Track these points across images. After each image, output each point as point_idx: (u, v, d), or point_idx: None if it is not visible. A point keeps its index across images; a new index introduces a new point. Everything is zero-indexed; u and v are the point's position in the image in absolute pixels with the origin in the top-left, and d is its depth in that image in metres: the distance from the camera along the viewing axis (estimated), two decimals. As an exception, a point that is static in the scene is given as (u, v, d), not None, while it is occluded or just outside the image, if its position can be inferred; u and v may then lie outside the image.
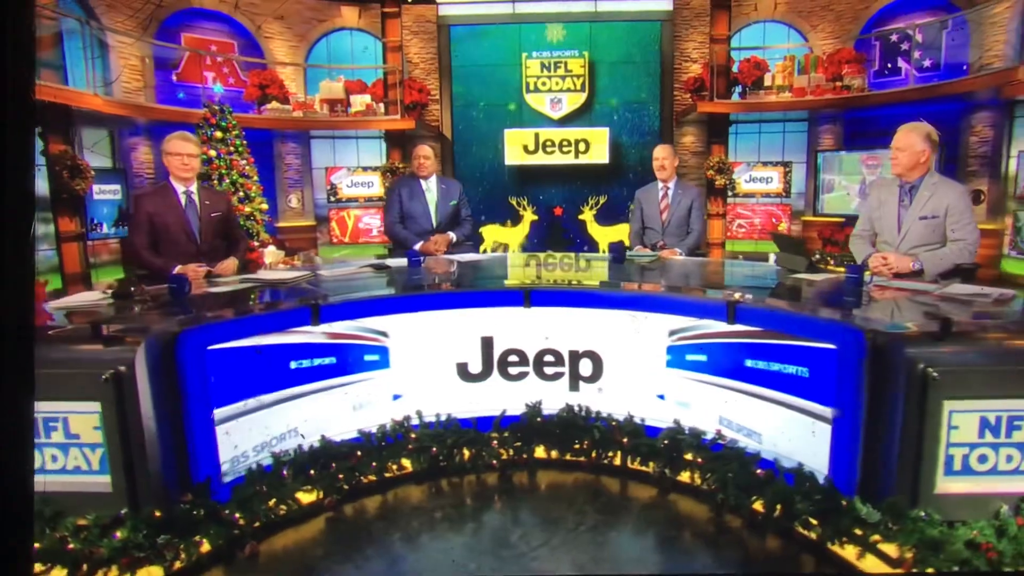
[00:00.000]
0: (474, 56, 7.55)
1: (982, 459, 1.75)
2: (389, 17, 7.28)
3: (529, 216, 7.48)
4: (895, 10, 7.30)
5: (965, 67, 6.82)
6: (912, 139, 2.54)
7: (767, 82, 7.46)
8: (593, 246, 7.58)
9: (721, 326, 2.20)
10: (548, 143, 7.55)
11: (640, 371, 2.50)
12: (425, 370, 2.56)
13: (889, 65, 7.15)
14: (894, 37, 7.09)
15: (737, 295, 2.25)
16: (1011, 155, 6.70)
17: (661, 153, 4.01)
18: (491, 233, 7.33)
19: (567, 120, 7.74)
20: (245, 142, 5.68)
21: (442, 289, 2.63)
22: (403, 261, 3.38)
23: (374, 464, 2.24)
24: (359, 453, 2.25)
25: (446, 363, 2.58)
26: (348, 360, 2.43)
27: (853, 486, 1.88)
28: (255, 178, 5.69)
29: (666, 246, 3.86)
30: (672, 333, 2.40)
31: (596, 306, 2.52)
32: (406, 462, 2.33)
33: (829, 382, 1.94)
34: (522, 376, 2.57)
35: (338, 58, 7.44)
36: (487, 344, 2.54)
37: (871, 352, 1.75)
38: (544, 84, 7.61)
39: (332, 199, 7.29)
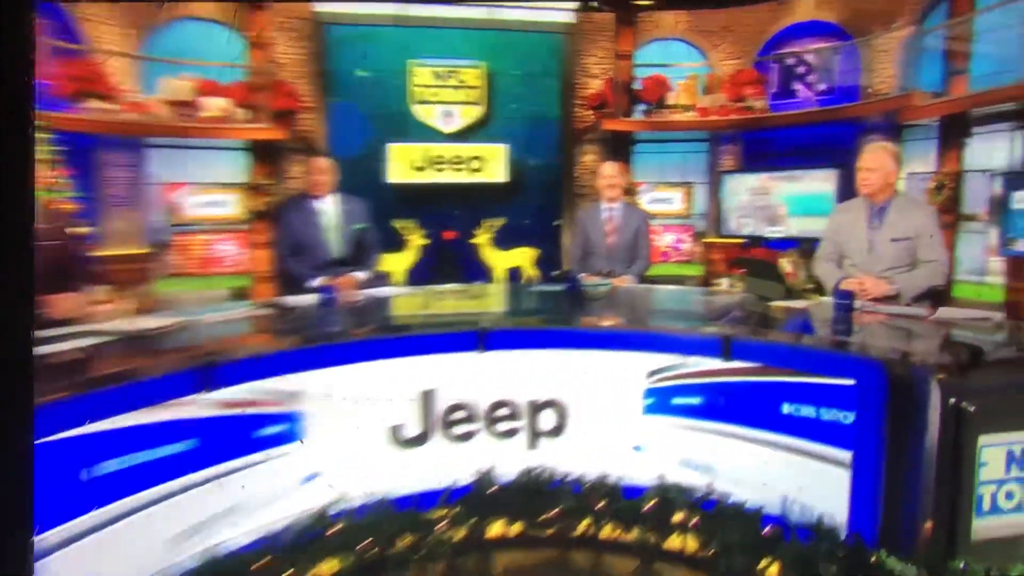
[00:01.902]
0: (354, 60, 7.26)
1: (1009, 496, 1.75)
2: (256, 7, 6.77)
3: (417, 241, 7.23)
4: (791, 34, 7.75)
5: (857, 92, 7.13)
6: (883, 159, 2.65)
7: (671, 100, 7.62)
8: (486, 274, 7.38)
9: (712, 363, 2.13)
10: (439, 160, 7.38)
11: (613, 420, 2.35)
12: (348, 439, 2.25)
13: (788, 87, 7.42)
14: (791, 60, 7.46)
15: (730, 328, 2.18)
16: (901, 176, 6.26)
17: (610, 171, 4.08)
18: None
19: (461, 135, 7.58)
20: (54, 147, 5.00)
21: (372, 335, 2.37)
22: (306, 300, 3.05)
23: (285, 576, 1.86)
24: (264, 561, 1.89)
25: (375, 427, 2.30)
26: (239, 437, 2.00)
27: (875, 537, 1.79)
28: (68, 194, 5.14)
29: (613, 273, 3.78)
30: (652, 374, 2.30)
31: (563, 346, 2.39)
32: (329, 565, 2.02)
33: (846, 422, 1.85)
34: (470, 436, 2.37)
35: (187, 52, 6.69)
36: (427, 399, 2.32)
37: (894, 386, 1.74)
38: (435, 95, 7.42)
39: (174, 222, 6.72)
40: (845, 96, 7.26)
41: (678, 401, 2.32)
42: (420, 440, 2.38)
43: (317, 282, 3.52)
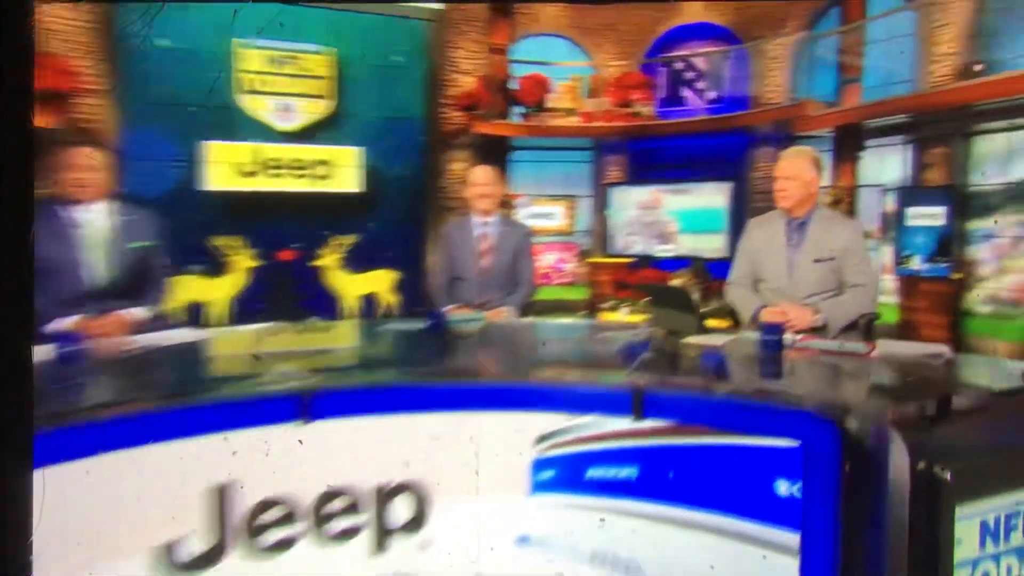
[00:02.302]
0: (160, 34, 6.29)
1: (985, 576, 1.57)
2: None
3: (244, 262, 6.41)
4: (679, 36, 7.72)
5: (748, 100, 7.31)
6: (802, 166, 2.43)
7: (551, 103, 7.34)
8: (333, 304, 6.67)
9: (620, 423, 1.85)
10: (274, 163, 6.61)
11: (491, 504, 2.00)
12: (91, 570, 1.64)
13: (677, 93, 7.49)
14: (680, 64, 7.48)
15: (641, 375, 1.92)
16: (823, 186, 6.99)
17: (483, 178, 3.40)
18: (185, 288, 6.05)
19: (303, 134, 6.78)
20: None
21: (134, 410, 1.78)
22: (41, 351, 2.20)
23: None
24: None
25: (135, 548, 1.72)
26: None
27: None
28: None
29: (488, 304, 3.30)
30: (541, 439, 1.96)
31: (419, 408, 1.96)
32: None
33: (790, 495, 1.68)
34: (289, 543, 1.92)
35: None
36: (222, 497, 1.84)
37: (848, 448, 1.57)
38: (268, 84, 6.61)
39: None
40: (736, 105, 7.32)
41: (577, 474, 2.04)
42: (211, 558, 1.89)
43: (62, 325, 2.67)
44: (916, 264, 6.16)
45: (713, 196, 7.03)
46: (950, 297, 6.18)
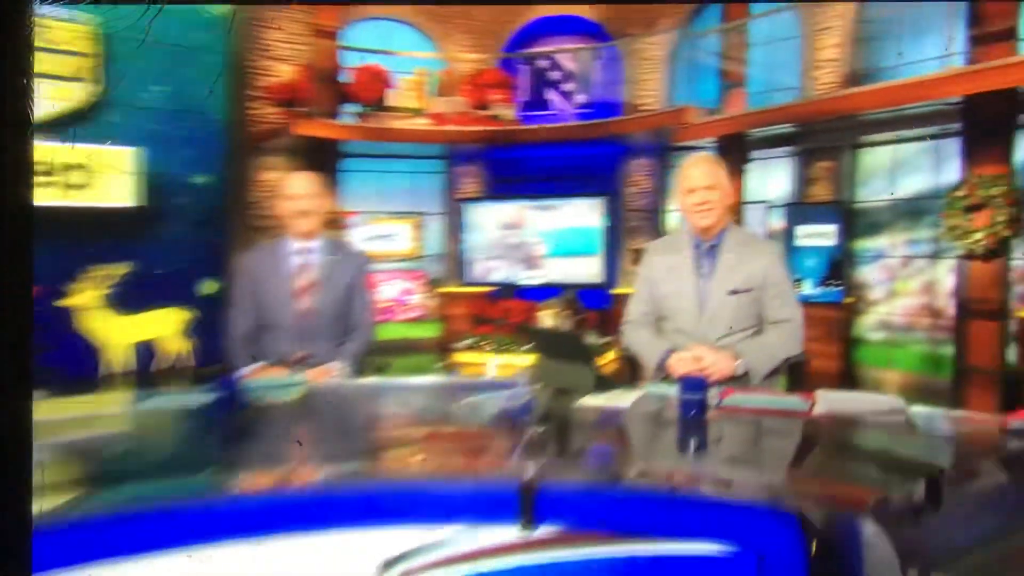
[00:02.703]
0: None
1: None
2: None
3: None
4: (542, 29, 7.35)
5: (620, 106, 7.10)
6: (719, 173, 2.27)
7: (393, 102, 6.81)
8: (93, 356, 5.44)
9: (503, 533, 1.54)
10: None
11: None
12: None
13: (541, 95, 7.22)
14: (544, 62, 7.16)
15: (531, 464, 1.58)
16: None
17: (302, 189, 2.81)
18: None
19: (51, 128, 5.57)
20: None
21: None
22: None
23: None
24: None
25: None
26: None
27: None
28: None
29: (310, 360, 2.68)
30: (389, 566, 1.59)
31: (200, 539, 1.49)
32: None
33: None
34: None
35: None
36: None
37: (815, 554, 1.35)
38: None
39: None
40: (607, 110, 7.11)
41: (442, 612, 1.61)
42: None
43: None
44: (808, 288, 5.98)
45: (585, 214, 6.74)
46: (842, 324, 6.02)
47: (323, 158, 6.68)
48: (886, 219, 6.06)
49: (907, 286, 5.96)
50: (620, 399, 2.01)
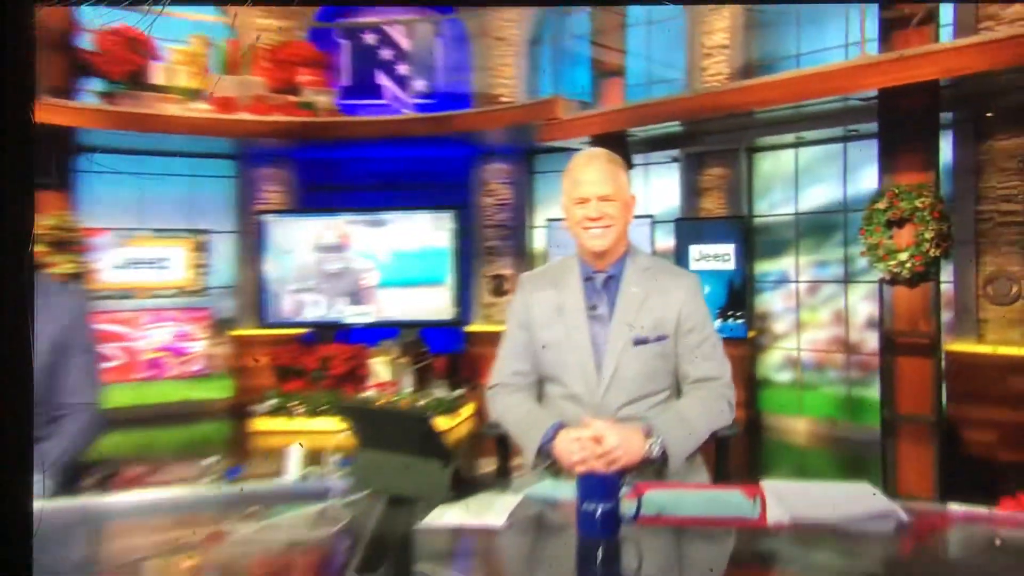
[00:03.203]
0: None
1: None
2: None
3: None
4: None
5: (470, 98, 6.80)
6: (621, 179, 2.06)
7: (157, 79, 6.25)
8: None
9: None
10: None
11: None
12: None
13: (369, 79, 6.91)
14: (370, 37, 6.80)
15: None
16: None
17: None
18: None
19: None
20: None
21: None
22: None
23: None
24: None
25: None
26: None
27: None
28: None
29: None
30: None
31: None
32: None
33: None
34: None
35: None
36: None
37: None
38: None
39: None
40: (454, 102, 6.86)
41: None
42: None
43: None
44: (705, 322, 5.55)
45: (428, 232, 6.47)
46: (745, 363, 5.70)
47: (55, 153, 6.12)
48: (789, 236, 5.90)
49: (815, 316, 5.77)
50: (488, 511, 1.78)
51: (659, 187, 6.29)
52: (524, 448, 2.10)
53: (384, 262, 6.52)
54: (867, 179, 5.31)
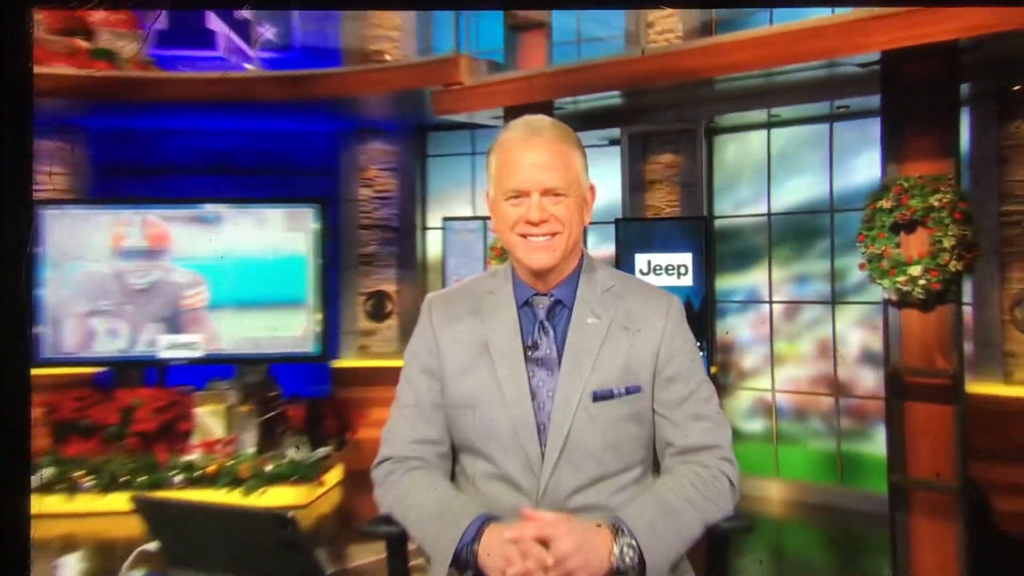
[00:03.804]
0: None
1: None
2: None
3: None
4: None
5: (339, 53, 6.58)
6: (576, 162, 1.82)
7: None
8: None
9: None
10: None
11: None
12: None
13: (197, 25, 6.53)
14: None
15: None
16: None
17: None
18: None
19: None
20: None
21: None
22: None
23: None
24: None
25: None
26: None
27: None
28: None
29: None
30: None
31: None
32: None
33: None
34: None
35: None
36: None
37: None
38: None
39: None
40: (316, 58, 6.59)
41: None
42: None
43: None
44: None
45: (281, 233, 6.10)
46: None
47: None
48: (761, 243, 5.61)
49: (795, 347, 5.51)
50: None
51: (594, 178, 5.71)
52: (432, 554, 1.90)
53: (216, 275, 6.07)
54: (861, 170, 5.12)
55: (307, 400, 6.21)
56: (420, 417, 1.96)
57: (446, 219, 6.33)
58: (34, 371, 5.31)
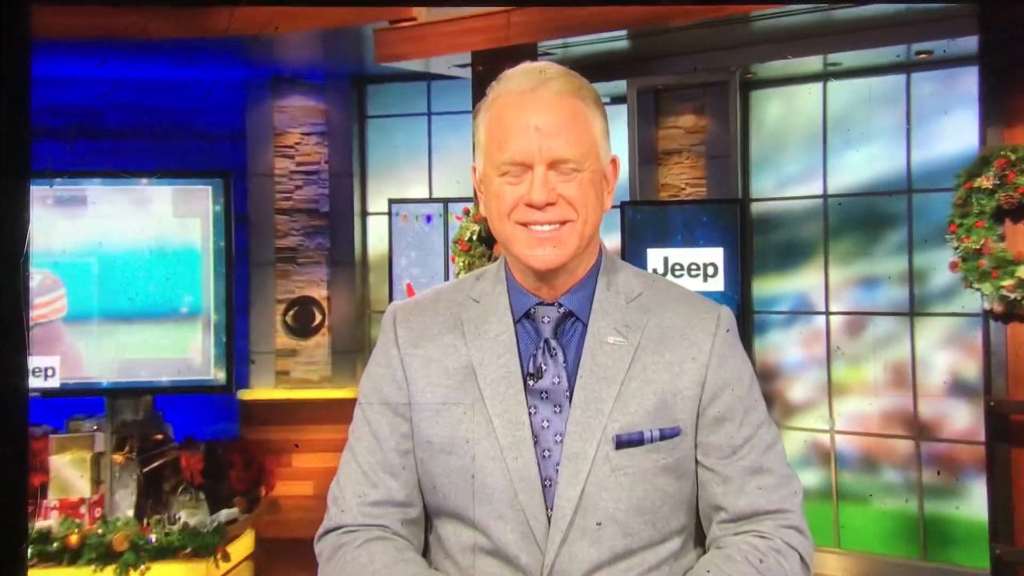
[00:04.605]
0: None
1: None
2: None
3: None
4: None
5: None
6: (595, 124, 1.65)
7: None
8: None
9: None
10: None
11: None
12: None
13: None
14: None
15: None
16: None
17: None
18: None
19: None
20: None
21: None
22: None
23: None
24: None
25: None
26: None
27: None
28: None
29: None
30: None
31: None
32: None
33: None
34: None
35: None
36: None
37: None
38: None
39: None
40: None
41: None
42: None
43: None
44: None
45: (168, 219, 5.60)
46: None
47: None
48: (814, 235, 5.39)
49: (859, 372, 5.29)
50: None
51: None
52: None
53: (79, 276, 5.51)
54: (949, 136, 4.97)
55: (206, 444, 5.76)
56: (381, 470, 1.81)
57: (393, 201, 6.09)
58: None
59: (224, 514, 5.22)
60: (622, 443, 1.64)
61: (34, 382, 5.43)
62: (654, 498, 1.67)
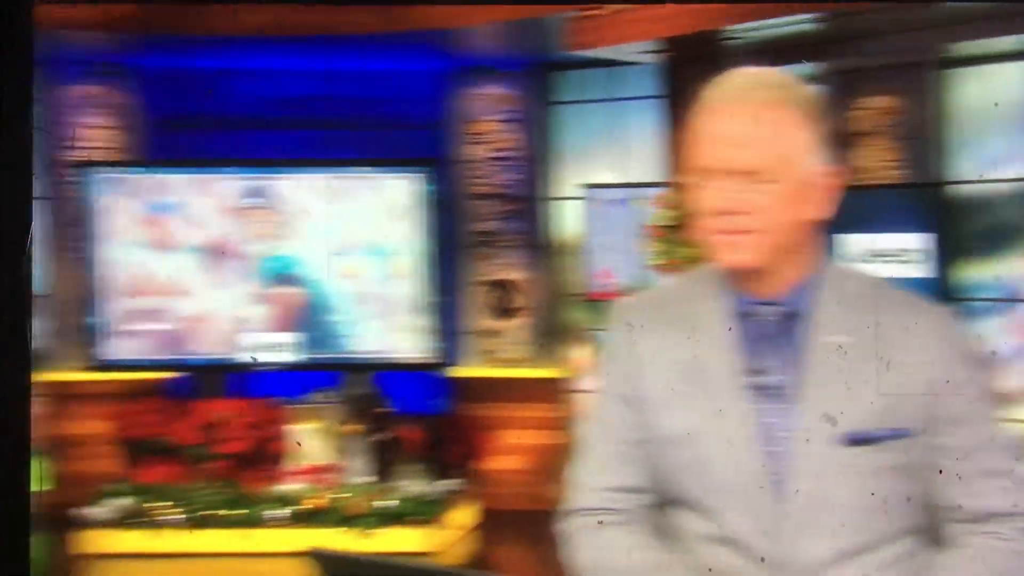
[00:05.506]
0: None
1: None
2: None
3: None
4: None
5: None
6: (793, 134, 1.78)
7: None
8: None
9: None
10: None
11: None
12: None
13: None
14: None
15: None
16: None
17: None
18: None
19: None
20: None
21: None
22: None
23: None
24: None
25: None
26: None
27: None
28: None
29: None
30: None
31: None
32: None
33: None
34: None
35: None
36: None
37: None
38: None
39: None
40: None
41: None
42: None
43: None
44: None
45: (375, 208, 6.08)
46: None
47: None
48: (1019, 219, 5.38)
49: None
50: None
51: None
52: None
53: (315, 262, 6.05)
54: None
55: (421, 419, 6.10)
56: (616, 458, 1.96)
57: (589, 186, 6.22)
58: (92, 375, 5.16)
59: (441, 486, 5.63)
60: (852, 441, 1.77)
61: (271, 356, 6.05)
62: (886, 496, 1.82)
